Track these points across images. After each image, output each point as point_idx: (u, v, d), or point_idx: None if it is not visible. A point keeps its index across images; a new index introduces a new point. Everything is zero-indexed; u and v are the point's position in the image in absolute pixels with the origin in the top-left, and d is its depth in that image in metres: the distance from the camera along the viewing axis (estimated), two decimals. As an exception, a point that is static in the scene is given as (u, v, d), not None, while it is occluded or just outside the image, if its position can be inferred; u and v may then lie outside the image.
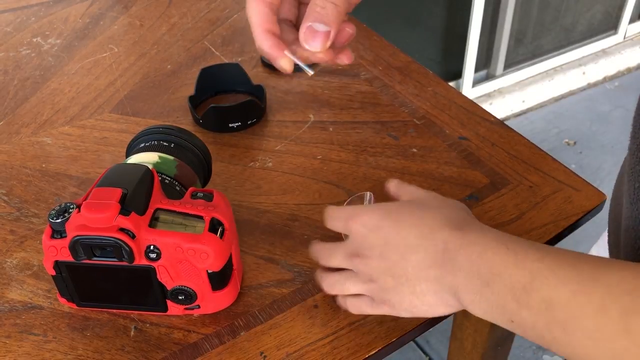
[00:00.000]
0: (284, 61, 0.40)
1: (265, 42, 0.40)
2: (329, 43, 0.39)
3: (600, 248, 0.58)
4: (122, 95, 0.79)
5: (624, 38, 2.37)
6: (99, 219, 0.46)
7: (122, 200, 0.47)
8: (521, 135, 0.71)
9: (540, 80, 2.19)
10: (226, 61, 0.85)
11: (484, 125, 0.72)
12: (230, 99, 0.79)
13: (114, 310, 0.54)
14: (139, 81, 0.82)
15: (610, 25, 2.32)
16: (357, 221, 0.47)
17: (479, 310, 0.42)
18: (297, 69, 0.42)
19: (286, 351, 0.50)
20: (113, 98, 0.79)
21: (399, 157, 0.68)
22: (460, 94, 0.78)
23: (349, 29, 0.43)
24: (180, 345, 0.51)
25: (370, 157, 0.68)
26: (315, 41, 0.39)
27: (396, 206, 0.48)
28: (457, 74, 2.04)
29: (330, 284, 0.50)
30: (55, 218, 0.47)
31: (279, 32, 0.41)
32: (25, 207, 0.64)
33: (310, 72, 0.42)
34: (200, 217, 0.49)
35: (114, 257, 0.48)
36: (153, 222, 0.48)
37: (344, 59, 0.45)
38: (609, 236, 0.56)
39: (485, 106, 2.04)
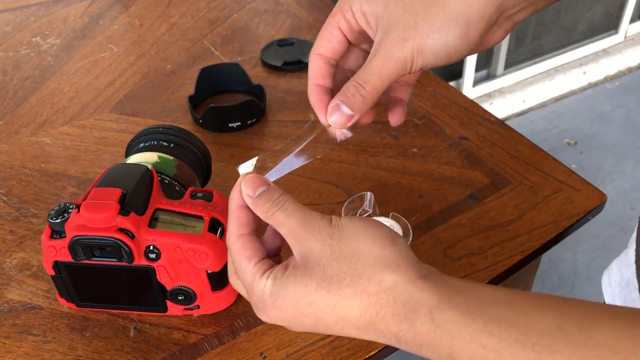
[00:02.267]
0: (323, 117, 0.43)
1: (312, 96, 0.44)
2: (348, 124, 0.42)
3: (623, 265, 0.56)
4: (121, 95, 0.79)
5: (625, 38, 2.37)
6: (98, 219, 0.46)
7: (122, 201, 0.47)
8: (522, 135, 0.70)
9: (541, 80, 2.19)
10: (226, 61, 0.85)
11: (485, 125, 0.72)
12: (230, 99, 0.78)
13: (114, 311, 0.53)
14: (138, 81, 0.82)
15: (610, 25, 2.32)
16: (261, 314, 0.39)
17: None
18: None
19: (286, 352, 0.50)
20: (112, 98, 0.79)
21: (399, 157, 0.68)
22: (461, 93, 0.77)
23: (396, 119, 0.46)
24: (180, 346, 0.51)
25: (370, 157, 0.68)
26: (337, 119, 0.42)
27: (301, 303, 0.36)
28: (458, 74, 2.04)
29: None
30: (54, 218, 0.47)
31: (330, 86, 0.44)
32: (25, 207, 0.64)
33: (339, 137, 0.44)
34: (200, 217, 0.49)
35: (114, 258, 0.47)
36: (152, 222, 0.48)
37: (395, 120, 0.47)
38: (637, 257, 0.53)
39: (486, 106, 2.04)
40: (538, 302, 0.32)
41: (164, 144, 0.57)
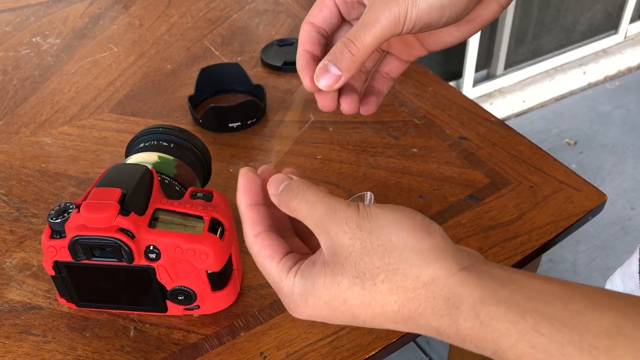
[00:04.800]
0: (308, 80, 0.42)
1: (299, 60, 0.43)
2: (336, 86, 0.40)
3: (626, 275, 0.55)
4: (121, 95, 0.79)
5: (625, 38, 2.37)
6: (98, 219, 0.46)
7: (122, 201, 0.47)
8: (522, 135, 0.70)
9: (541, 80, 2.19)
10: (226, 61, 0.85)
11: (485, 125, 0.72)
12: (230, 99, 0.79)
13: (114, 311, 0.53)
14: (138, 81, 0.82)
15: (610, 25, 2.32)
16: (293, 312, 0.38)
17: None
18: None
19: (286, 351, 0.50)
20: (112, 98, 0.79)
21: (399, 157, 0.68)
22: (461, 93, 0.77)
23: (368, 108, 0.46)
24: (180, 346, 0.51)
25: (370, 157, 0.68)
26: (324, 79, 0.40)
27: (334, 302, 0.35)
28: (458, 74, 2.04)
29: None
30: (54, 218, 0.47)
31: (319, 54, 0.43)
32: (25, 207, 0.64)
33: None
34: (200, 217, 0.49)
35: (114, 258, 0.47)
36: (153, 222, 0.48)
37: (366, 109, 0.46)
38: None
39: (486, 106, 2.04)
40: (594, 299, 0.29)
41: (164, 144, 0.57)
